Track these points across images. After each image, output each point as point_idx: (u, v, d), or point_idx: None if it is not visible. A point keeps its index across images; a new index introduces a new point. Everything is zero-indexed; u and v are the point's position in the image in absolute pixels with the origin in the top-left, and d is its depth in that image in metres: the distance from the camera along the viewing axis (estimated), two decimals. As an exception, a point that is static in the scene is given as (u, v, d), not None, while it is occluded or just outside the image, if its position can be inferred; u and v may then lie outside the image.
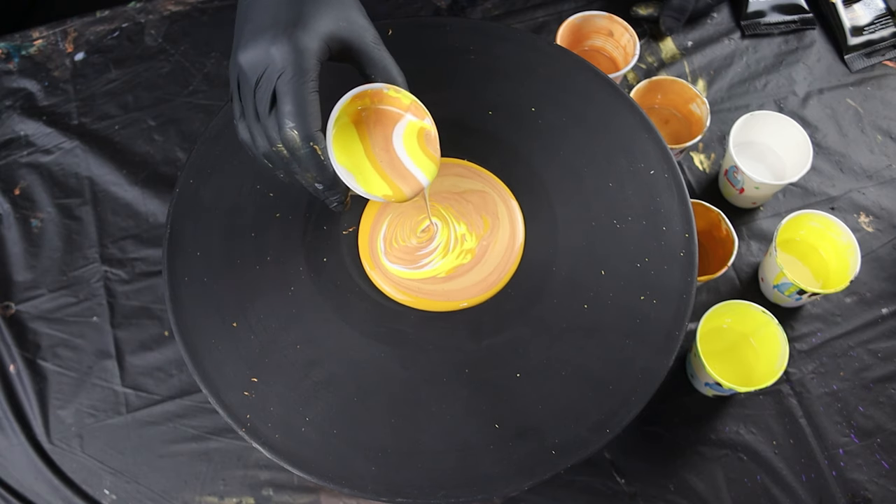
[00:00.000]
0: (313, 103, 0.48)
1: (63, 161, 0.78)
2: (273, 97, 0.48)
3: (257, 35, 0.48)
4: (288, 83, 0.47)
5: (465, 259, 0.59)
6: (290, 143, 0.48)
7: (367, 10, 0.53)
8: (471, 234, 0.60)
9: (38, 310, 0.73)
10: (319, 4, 0.49)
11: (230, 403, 0.55)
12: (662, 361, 0.55)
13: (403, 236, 0.60)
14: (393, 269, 0.59)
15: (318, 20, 0.49)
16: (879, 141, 0.78)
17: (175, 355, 0.70)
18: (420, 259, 0.59)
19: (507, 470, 0.52)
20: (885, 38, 0.82)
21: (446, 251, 0.59)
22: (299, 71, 0.47)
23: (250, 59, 0.48)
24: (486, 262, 0.59)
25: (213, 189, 0.61)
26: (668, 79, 0.75)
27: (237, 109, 0.51)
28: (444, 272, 0.59)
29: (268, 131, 0.49)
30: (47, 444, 0.68)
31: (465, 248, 0.59)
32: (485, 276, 0.58)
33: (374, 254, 0.60)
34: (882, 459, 0.66)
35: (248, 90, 0.49)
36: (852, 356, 0.69)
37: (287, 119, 0.47)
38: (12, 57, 0.82)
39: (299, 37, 0.47)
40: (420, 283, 0.58)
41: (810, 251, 0.71)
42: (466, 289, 0.58)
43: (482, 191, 0.61)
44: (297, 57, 0.47)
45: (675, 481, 0.66)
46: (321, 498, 0.66)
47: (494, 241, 0.59)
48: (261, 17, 0.49)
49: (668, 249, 0.58)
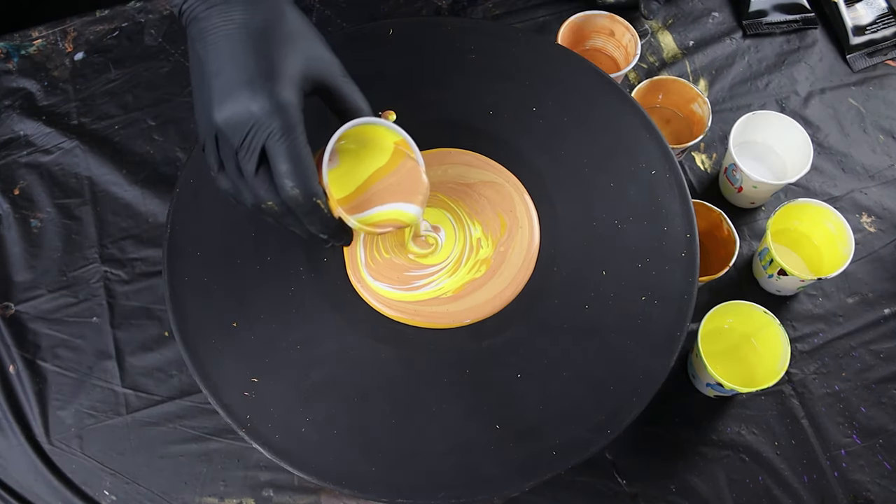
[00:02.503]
0: (308, 158, 0.47)
1: (63, 161, 0.78)
2: (261, 156, 0.47)
3: (232, 92, 0.46)
4: (280, 142, 0.46)
5: (478, 273, 0.56)
6: (292, 201, 0.47)
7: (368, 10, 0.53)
8: (487, 238, 0.57)
9: (37, 310, 0.73)
10: (287, 48, 0.48)
11: (230, 404, 0.54)
12: (664, 362, 0.54)
13: (387, 247, 0.57)
14: (380, 290, 0.56)
15: (290, 66, 0.47)
16: (881, 141, 0.78)
17: (175, 355, 0.70)
18: (413, 280, 0.56)
19: (507, 470, 0.52)
20: (888, 37, 0.81)
21: (458, 266, 0.56)
22: (288, 128, 0.46)
23: (229, 119, 0.46)
24: (502, 274, 0.56)
25: (213, 189, 0.61)
26: (670, 78, 0.75)
27: (214, 163, 0.50)
28: (451, 291, 0.56)
29: (255, 189, 0.48)
30: (47, 445, 0.68)
31: (481, 258, 0.56)
32: (499, 291, 0.56)
33: (354, 266, 0.57)
34: (884, 460, 0.66)
35: (230, 149, 0.48)
36: (854, 357, 0.69)
37: (286, 180, 0.46)
38: (12, 57, 0.82)
39: (279, 91, 0.46)
40: (417, 306, 0.56)
41: (804, 240, 0.72)
42: (476, 307, 0.55)
43: (495, 182, 0.58)
44: (282, 113, 0.46)
45: (677, 482, 0.65)
46: (321, 498, 0.66)
47: (513, 245, 0.57)
48: (229, 70, 0.46)
49: (670, 250, 0.58)
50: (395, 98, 0.60)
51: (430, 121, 0.62)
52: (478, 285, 0.56)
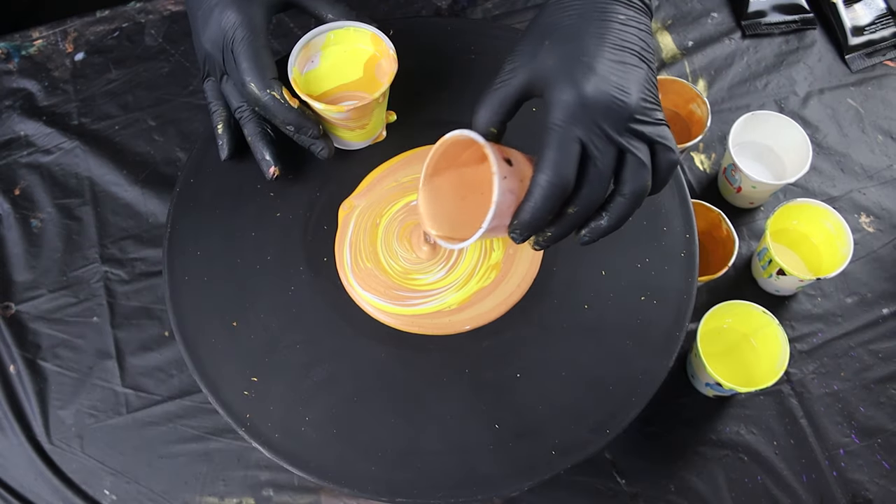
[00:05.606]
0: (265, 58, 0.54)
1: (63, 161, 0.78)
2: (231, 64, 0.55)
3: (209, 15, 0.55)
4: (240, 45, 0.54)
5: (487, 280, 0.56)
6: (250, 96, 0.54)
7: (368, 10, 0.54)
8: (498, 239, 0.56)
9: (38, 310, 0.73)
10: None
11: (230, 403, 0.54)
12: (663, 362, 0.55)
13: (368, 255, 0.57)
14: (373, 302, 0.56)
15: None
16: (880, 141, 0.78)
17: (175, 355, 0.70)
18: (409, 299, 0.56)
19: (507, 470, 0.52)
20: (886, 37, 0.82)
21: (469, 278, 0.56)
22: (248, 34, 0.53)
23: (209, 38, 0.55)
24: (510, 280, 0.56)
25: (213, 189, 0.61)
26: (669, 79, 0.75)
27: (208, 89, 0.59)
28: (456, 304, 0.56)
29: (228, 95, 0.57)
30: (47, 445, 0.68)
31: (491, 264, 0.56)
32: (505, 298, 0.56)
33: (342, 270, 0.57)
34: (883, 460, 0.66)
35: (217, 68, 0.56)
36: (853, 356, 0.69)
37: (245, 76, 0.53)
38: (12, 57, 0.82)
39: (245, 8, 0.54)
40: (415, 318, 0.56)
41: (803, 240, 0.72)
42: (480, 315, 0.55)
43: None
44: (245, 23, 0.54)
45: (676, 482, 0.66)
46: (321, 498, 0.66)
47: (520, 247, 0.57)
48: None
49: (669, 250, 0.58)
50: (395, 98, 0.60)
51: (429, 121, 0.62)
52: (486, 293, 0.56)
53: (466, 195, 0.48)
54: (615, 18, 0.45)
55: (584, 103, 0.43)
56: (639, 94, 0.44)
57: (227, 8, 0.54)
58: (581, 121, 0.43)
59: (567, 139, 0.43)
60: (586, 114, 0.43)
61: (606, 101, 0.43)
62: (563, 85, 0.43)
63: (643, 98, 0.44)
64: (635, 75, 0.44)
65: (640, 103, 0.44)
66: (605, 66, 0.44)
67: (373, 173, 0.61)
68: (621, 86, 0.43)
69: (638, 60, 0.45)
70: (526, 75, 0.46)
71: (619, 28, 0.45)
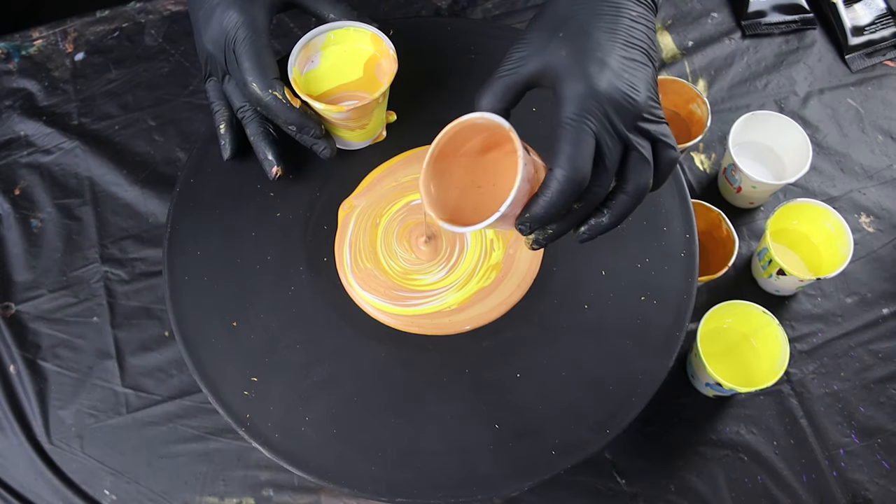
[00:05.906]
0: (266, 58, 0.54)
1: (63, 161, 0.78)
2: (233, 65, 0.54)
3: (211, 15, 0.54)
4: (241, 45, 0.53)
5: (487, 280, 0.56)
6: (252, 96, 0.54)
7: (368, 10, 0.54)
8: (498, 239, 0.56)
9: (38, 310, 0.73)
10: None
11: (230, 403, 0.55)
12: (663, 362, 0.55)
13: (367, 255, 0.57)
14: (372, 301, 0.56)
15: None
16: (880, 141, 0.78)
17: (175, 355, 0.70)
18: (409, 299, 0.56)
19: (507, 470, 0.52)
20: (886, 37, 0.82)
21: (470, 278, 0.56)
22: (250, 34, 0.53)
23: (210, 38, 0.55)
24: (510, 280, 0.56)
25: (213, 189, 0.61)
26: (669, 78, 0.75)
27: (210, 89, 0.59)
28: (456, 304, 0.56)
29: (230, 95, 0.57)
30: (47, 445, 0.68)
31: (492, 264, 0.56)
32: (505, 298, 0.56)
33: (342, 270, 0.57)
34: (883, 460, 0.66)
35: (219, 68, 0.56)
36: (853, 356, 0.69)
37: (247, 76, 0.53)
38: (12, 57, 0.82)
39: (247, 8, 0.54)
40: (415, 319, 0.56)
41: (803, 240, 0.72)
42: (480, 315, 0.55)
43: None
44: (246, 23, 0.53)
45: (676, 482, 0.66)
46: (321, 498, 0.66)
47: (520, 246, 0.57)
48: None
49: (669, 249, 0.58)
50: (395, 98, 0.60)
51: (430, 121, 0.62)
52: (486, 294, 0.56)
53: (482, 184, 0.47)
54: (627, 14, 0.45)
55: (597, 99, 0.43)
56: (646, 92, 0.44)
57: (228, 8, 0.54)
58: (595, 116, 0.43)
59: (583, 134, 0.43)
60: (599, 109, 0.43)
61: (619, 98, 0.43)
62: (577, 79, 0.43)
63: (650, 96, 0.44)
64: (643, 73, 0.45)
65: (647, 101, 0.44)
66: (617, 62, 0.44)
67: (373, 173, 0.61)
68: (632, 83, 0.44)
69: (646, 58, 0.45)
70: (536, 65, 0.45)
71: (629, 24, 0.45)
